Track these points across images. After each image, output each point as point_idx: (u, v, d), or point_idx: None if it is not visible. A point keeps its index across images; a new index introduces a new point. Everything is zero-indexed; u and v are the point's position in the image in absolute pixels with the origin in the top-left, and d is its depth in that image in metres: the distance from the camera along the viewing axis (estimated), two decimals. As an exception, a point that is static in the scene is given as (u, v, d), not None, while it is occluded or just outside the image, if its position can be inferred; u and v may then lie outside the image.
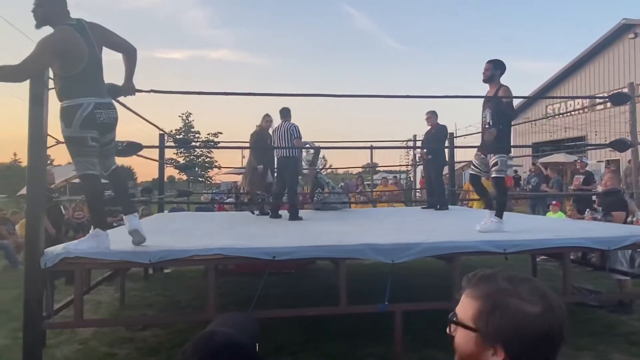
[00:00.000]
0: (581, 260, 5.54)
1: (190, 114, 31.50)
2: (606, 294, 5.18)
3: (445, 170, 8.48)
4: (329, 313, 4.03)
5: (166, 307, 5.47)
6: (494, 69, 4.54)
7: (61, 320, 3.78)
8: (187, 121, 31.48)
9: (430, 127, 7.70)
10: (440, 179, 7.82)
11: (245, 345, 1.02)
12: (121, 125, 3.53)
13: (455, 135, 9.19)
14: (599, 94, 19.60)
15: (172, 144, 14.70)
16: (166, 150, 8.98)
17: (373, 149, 10.17)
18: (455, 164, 8.83)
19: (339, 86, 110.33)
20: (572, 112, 21.83)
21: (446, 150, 8.32)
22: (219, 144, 24.51)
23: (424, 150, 7.76)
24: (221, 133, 29.93)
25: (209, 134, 31.20)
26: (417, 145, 10.91)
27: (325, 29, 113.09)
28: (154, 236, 3.90)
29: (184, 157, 27.88)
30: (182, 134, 29.84)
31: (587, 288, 5.36)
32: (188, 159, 27.97)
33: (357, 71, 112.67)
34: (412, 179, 14.38)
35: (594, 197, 8.92)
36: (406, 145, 11.89)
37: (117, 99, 4.06)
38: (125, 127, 28.01)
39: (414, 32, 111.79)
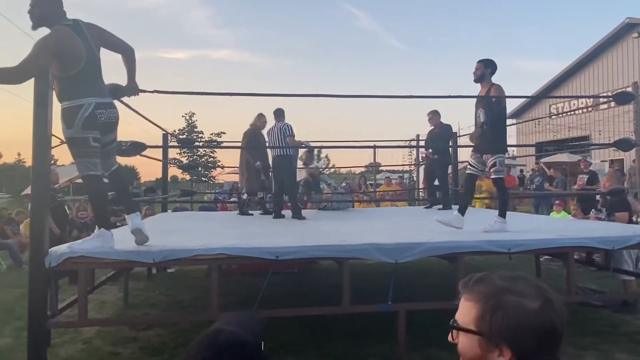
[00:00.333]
0: (585, 260, 5.53)
1: (194, 114, 31.60)
2: (610, 293, 5.17)
3: (448, 169, 8.46)
4: (332, 313, 4.03)
5: (169, 307, 5.48)
6: (485, 68, 4.52)
7: (65, 320, 3.79)
8: (190, 121, 31.56)
9: (433, 126, 7.68)
10: (445, 179, 7.81)
11: (250, 344, 1.02)
12: (124, 125, 3.55)
13: (458, 135, 9.17)
14: (603, 94, 19.53)
15: (176, 144, 14.69)
16: (169, 150, 8.98)
17: (376, 149, 10.16)
18: (459, 164, 8.80)
19: (341, 86, 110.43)
20: (576, 112, 21.75)
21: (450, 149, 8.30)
22: (222, 144, 24.53)
23: (429, 150, 7.74)
24: (224, 133, 29.94)
25: (212, 133, 31.29)
26: (420, 144, 10.89)
27: (327, 29, 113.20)
28: (157, 236, 3.91)
29: (187, 157, 27.93)
30: (186, 133, 29.91)
31: (590, 288, 5.34)
32: (191, 158, 28.00)
33: (359, 71, 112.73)
34: (415, 179, 14.35)
35: (597, 197, 8.89)
36: (409, 145, 11.86)
37: (120, 99, 4.08)
38: (128, 127, 28.14)
39: (416, 32, 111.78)
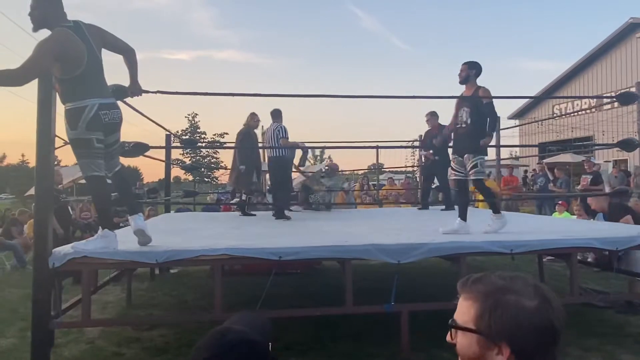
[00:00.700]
0: (594, 261, 5.48)
1: (197, 114, 31.73)
2: (614, 294, 5.14)
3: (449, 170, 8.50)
4: (335, 313, 4.03)
5: (173, 307, 5.49)
6: (469, 69, 4.54)
7: (69, 320, 3.79)
8: (193, 122, 31.67)
9: (430, 128, 7.67)
10: (446, 180, 7.80)
11: (258, 343, 1.03)
12: (128, 125, 3.58)
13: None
14: (606, 94, 19.46)
15: (179, 145, 14.75)
16: (172, 151, 9.02)
17: (379, 149, 10.14)
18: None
19: (345, 87, 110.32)
20: (579, 112, 21.70)
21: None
22: (225, 145, 24.59)
23: (430, 151, 7.73)
24: (227, 134, 30.00)
25: (215, 134, 31.38)
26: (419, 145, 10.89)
27: (331, 30, 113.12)
28: (160, 236, 3.92)
29: (190, 158, 28.01)
30: (189, 134, 30.00)
31: (594, 289, 5.32)
32: (194, 159, 28.08)
33: (363, 72, 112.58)
34: (418, 180, 14.30)
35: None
36: (412, 146, 11.83)
37: (124, 100, 4.09)
38: (131, 127, 28.22)
39: (420, 33, 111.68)
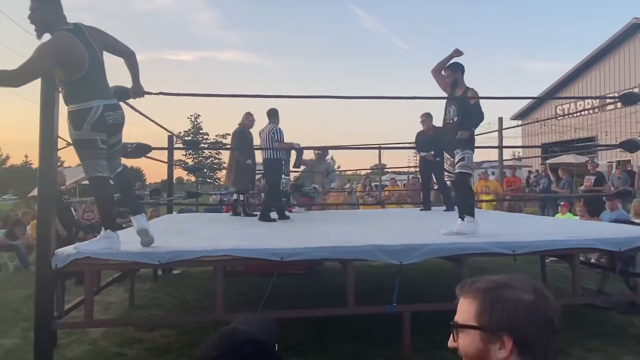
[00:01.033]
0: (595, 262, 5.47)
1: (199, 115, 31.81)
2: (616, 295, 5.13)
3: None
4: (337, 314, 4.03)
5: (175, 308, 5.50)
6: (454, 72, 4.51)
7: (72, 321, 3.80)
8: (195, 123, 31.75)
9: (424, 129, 7.66)
10: (444, 181, 7.80)
11: (265, 343, 1.04)
12: (130, 126, 3.59)
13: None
14: (609, 94, 19.43)
15: (181, 146, 14.79)
16: (175, 152, 9.03)
17: (382, 149, 10.14)
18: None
19: (346, 87, 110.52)
20: (582, 113, 21.64)
21: None
22: (227, 146, 24.63)
23: (430, 152, 7.72)
24: (229, 134, 30.04)
25: (217, 135, 31.44)
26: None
27: (333, 30, 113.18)
28: (163, 237, 3.92)
29: (192, 159, 28.08)
30: (191, 135, 30.06)
31: (596, 289, 5.31)
32: (197, 160, 28.15)
33: (365, 72, 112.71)
34: (420, 181, 14.28)
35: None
36: (414, 146, 11.83)
37: (126, 101, 4.10)
38: (134, 128, 28.29)
39: (422, 33, 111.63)
